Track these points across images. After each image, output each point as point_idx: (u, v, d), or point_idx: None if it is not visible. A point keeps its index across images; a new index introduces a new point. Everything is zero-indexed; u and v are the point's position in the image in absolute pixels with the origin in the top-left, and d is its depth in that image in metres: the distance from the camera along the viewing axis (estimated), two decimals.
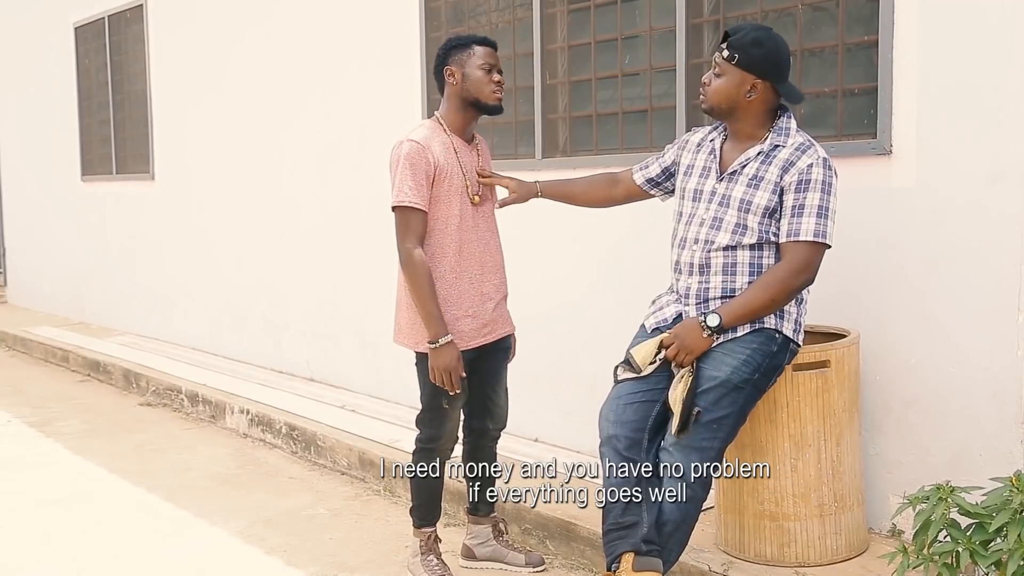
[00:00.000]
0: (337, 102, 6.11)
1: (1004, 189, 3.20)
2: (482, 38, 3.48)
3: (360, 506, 4.61)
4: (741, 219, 3.08)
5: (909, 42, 3.39)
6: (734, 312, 3.02)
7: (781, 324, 3.09)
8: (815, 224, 2.99)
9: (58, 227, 10.08)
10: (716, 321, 3.00)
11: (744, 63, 3.06)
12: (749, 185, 3.08)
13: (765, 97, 3.10)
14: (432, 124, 3.50)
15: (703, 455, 3.01)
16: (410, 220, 3.36)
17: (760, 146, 3.11)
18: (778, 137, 3.11)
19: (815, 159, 3.04)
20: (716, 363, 3.03)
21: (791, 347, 3.14)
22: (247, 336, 7.22)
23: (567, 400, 4.73)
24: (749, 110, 3.12)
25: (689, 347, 3.03)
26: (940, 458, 3.41)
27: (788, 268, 3.01)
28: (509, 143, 4.98)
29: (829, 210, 3.03)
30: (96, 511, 4.60)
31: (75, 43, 9.37)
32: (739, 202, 3.09)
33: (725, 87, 3.11)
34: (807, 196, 3.01)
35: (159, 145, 8.19)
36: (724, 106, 3.13)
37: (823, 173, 3.02)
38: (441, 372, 3.35)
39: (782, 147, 3.09)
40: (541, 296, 4.64)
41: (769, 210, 3.06)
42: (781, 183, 3.04)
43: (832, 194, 3.04)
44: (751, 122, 3.14)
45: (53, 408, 6.74)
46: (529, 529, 4.03)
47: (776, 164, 3.07)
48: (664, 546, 3.01)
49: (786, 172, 3.04)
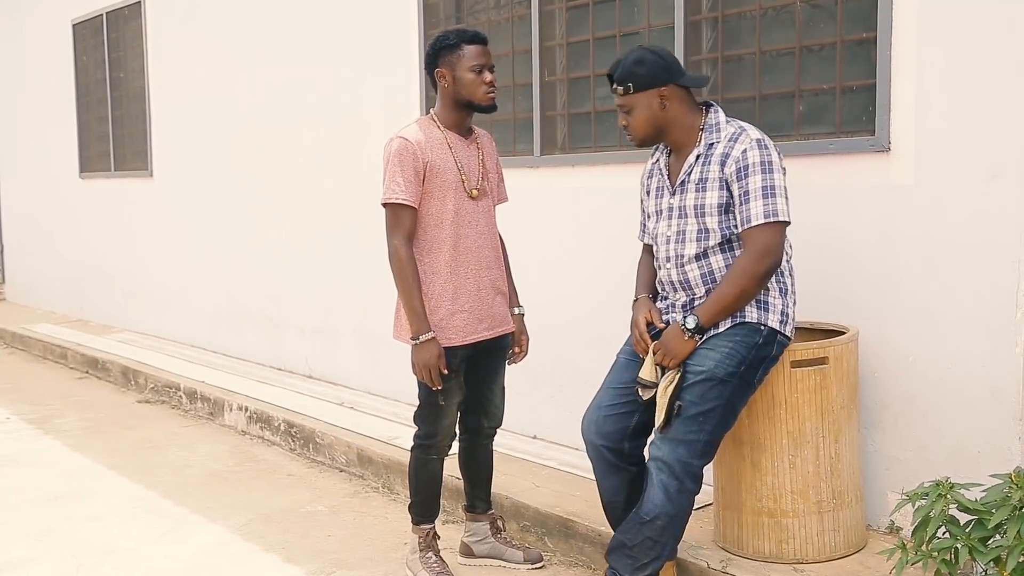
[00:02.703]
0: (335, 98, 6.10)
1: (1002, 186, 3.20)
2: (471, 35, 3.44)
3: (359, 503, 4.61)
4: (701, 224, 3.11)
5: (908, 39, 3.39)
6: (708, 311, 3.05)
7: (765, 317, 3.09)
8: (763, 205, 2.99)
9: (56, 224, 10.07)
10: (693, 323, 3.03)
11: (640, 84, 3.11)
12: (698, 190, 3.12)
13: (678, 99, 3.13)
14: (425, 121, 3.50)
15: (690, 448, 3.04)
16: (399, 216, 3.37)
17: (697, 149, 3.14)
18: (710, 135, 3.12)
19: (748, 144, 3.04)
20: (700, 358, 3.07)
21: (779, 339, 3.14)
22: (246, 333, 7.22)
23: (565, 397, 4.73)
24: (672, 120, 3.14)
25: (674, 352, 3.07)
26: (938, 455, 3.41)
27: (749, 256, 3.01)
28: (507, 140, 4.98)
29: (776, 187, 3.01)
30: (94, 508, 4.60)
31: (73, 40, 9.36)
32: (694, 209, 3.12)
33: (641, 116, 3.15)
34: (749, 181, 3.01)
35: (157, 142, 8.18)
36: (651, 131, 3.17)
37: (759, 154, 3.02)
38: (422, 368, 3.36)
39: (716, 143, 3.10)
40: (539, 292, 4.64)
41: (723, 207, 3.07)
42: (724, 176, 3.06)
43: (774, 171, 3.02)
44: (680, 130, 3.16)
45: (52, 405, 6.74)
46: (528, 526, 4.03)
47: (715, 161, 3.08)
48: (658, 540, 3.05)
49: (724, 165, 3.06)
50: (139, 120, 8.41)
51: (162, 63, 8.01)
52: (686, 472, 3.04)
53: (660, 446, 3.06)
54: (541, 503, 4.02)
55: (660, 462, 3.05)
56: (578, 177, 4.61)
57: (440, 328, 3.41)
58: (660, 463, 3.05)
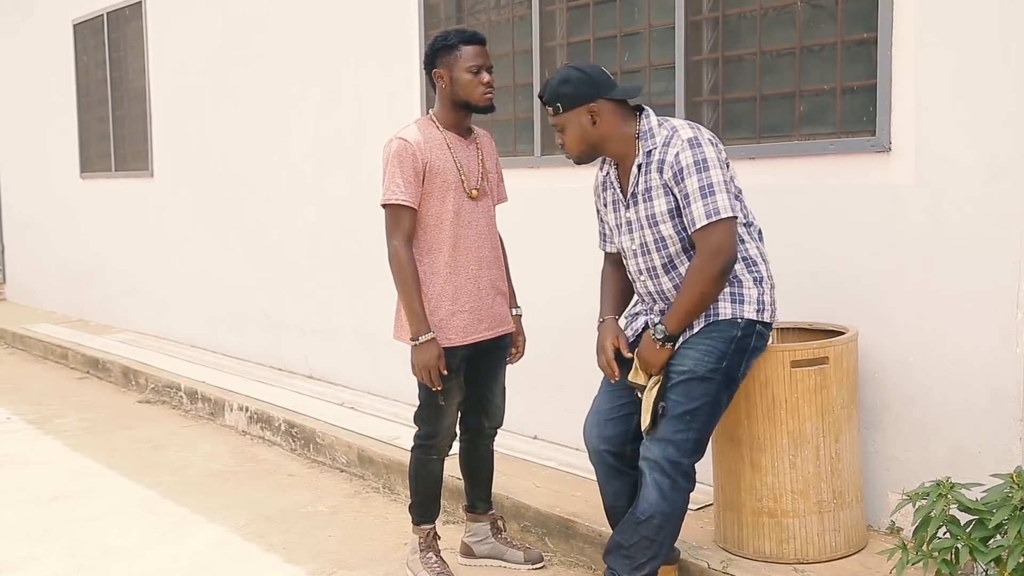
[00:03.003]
0: (336, 99, 6.11)
1: (1003, 186, 3.20)
2: (469, 35, 3.43)
3: (359, 503, 4.61)
4: (656, 234, 3.10)
5: (908, 39, 3.39)
6: (674, 318, 3.04)
7: (740, 310, 3.07)
8: (703, 206, 2.95)
9: (57, 224, 10.07)
10: (661, 332, 3.04)
11: (568, 103, 3.09)
12: (645, 200, 3.10)
13: (610, 113, 3.10)
14: (424, 122, 3.50)
15: (679, 447, 3.04)
16: (399, 217, 3.37)
17: (638, 159, 3.10)
18: (646, 142, 3.09)
19: (679, 146, 3.00)
20: (681, 358, 3.08)
21: (758, 329, 3.11)
22: (246, 333, 7.22)
23: (566, 397, 4.73)
24: (606, 135, 3.12)
25: (650, 362, 3.09)
26: (939, 455, 3.41)
27: (700, 258, 2.98)
28: (508, 140, 4.98)
29: (713, 185, 2.96)
30: (95, 508, 4.60)
31: (74, 40, 9.36)
32: (647, 220, 3.10)
33: (573, 134, 3.13)
34: (686, 184, 2.98)
35: (158, 142, 8.18)
36: (585, 148, 3.16)
37: (690, 154, 2.98)
38: (422, 369, 3.36)
39: (653, 149, 3.07)
40: (540, 292, 4.64)
41: (672, 212, 3.05)
42: (664, 182, 3.04)
43: (709, 169, 2.97)
44: (616, 143, 3.13)
45: (52, 405, 6.75)
46: (528, 526, 4.03)
47: (654, 168, 3.06)
48: (655, 539, 3.06)
49: (662, 172, 3.03)
50: (140, 120, 8.41)
51: (163, 63, 8.01)
52: (677, 470, 3.05)
53: (650, 447, 3.08)
54: (541, 503, 4.02)
55: (651, 462, 3.06)
56: (579, 177, 4.61)
57: (440, 328, 3.41)
58: (651, 463, 3.06)
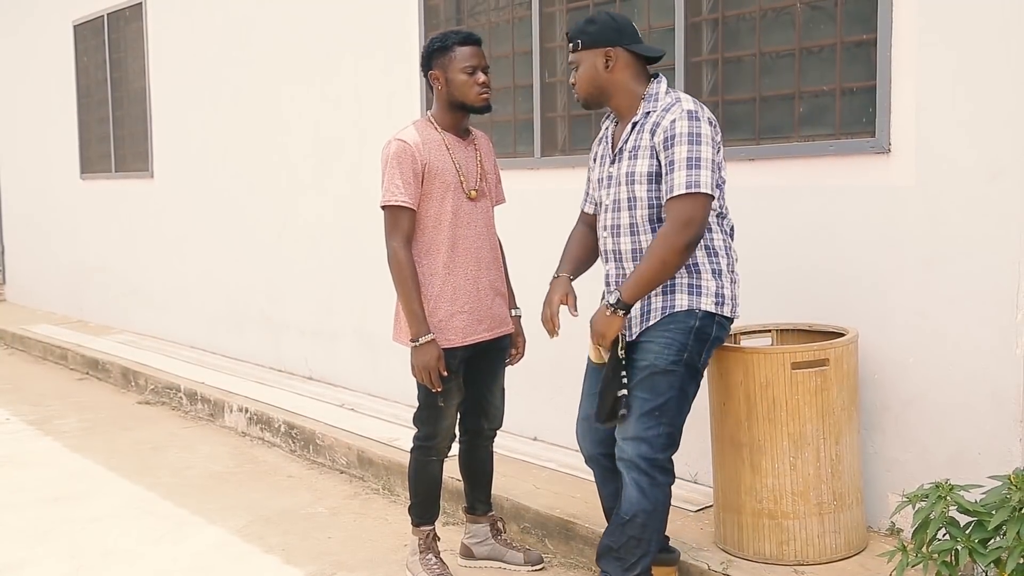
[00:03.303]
0: (336, 99, 6.10)
1: (1002, 187, 3.20)
2: (463, 36, 3.44)
3: (359, 505, 4.61)
4: (630, 192, 3.07)
5: (908, 40, 3.39)
6: (630, 286, 2.96)
7: (697, 301, 3.03)
8: (686, 176, 2.91)
9: (57, 225, 10.07)
10: (615, 298, 2.96)
11: (588, 42, 3.10)
12: (631, 158, 3.07)
13: (625, 63, 3.10)
14: (423, 123, 3.50)
15: (652, 443, 3.04)
16: (398, 219, 3.37)
17: (635, 118, 3.10)
18: (648, 104, 3.08)
19: (678, 114, 2.98)
20: (642, 352, 3.06)
21: (718, 319, 3.07)
22: (246, 334, 7.22)
23: (566, 399, 4.72)
24: (616, 84, 3.12)
25: (601, 331, 3.02)
26: (939, 456, 3.41)
27: (669, 226, 2.93)
28: (508, 141, 4.98)
29: (702, 159, 2.93)
30: (94, 509, 4.60)
31: (74, 41, 9.37)
32: (627, 177, 3.08)
33: (585, 74, 3.13)
34: (675, 151, 2.94)
35: (158, 143, 8.18)
36: (593, 91, 3.15)
37: (687, 125, 2.95)
38: (421, 370, 3.36)
39: (652, 112, 3.06)
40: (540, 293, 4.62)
41: (652, 176, 3.02)
42: (654, 145, 3.01)
43: (702, 143, 2.95)
44: (623, 96, 3.13)
45: (51, 406, 6.74)
46: (528, 528, 4.03)
47: (647, 129, 3.04)
48: (642, 537, 3.06)
49: (655, 134, 3.01)
50: (140, 121, 8.42)
51: (163, 64, 8.01)
52: (653, 467, 3.04)
53: (624, 447, 3.07)
54: (541, 505, 4.02)
55: (627, 462, 3.06)
56: (579, 179, 4.60)
57: (439, 329, 3.41)
58: (627, 463, 3.06)
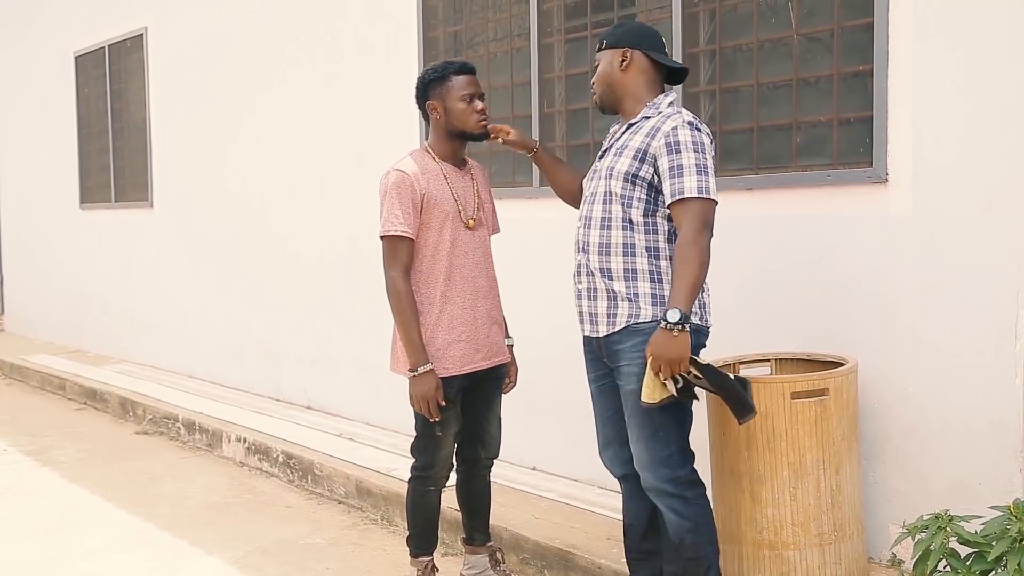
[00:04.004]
0: (336, 130, 6.13)
1: (1000, 216, 3.21)
2: (459, 66, 3.48)
3: (357, 535, 4.58)
4: (608, 187, 3.08)
5: (904, 71, 3.41)
6: (679, 296, 2.85)
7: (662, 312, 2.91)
8: (697, 181, 2.92)
9: (56, 255, 10.08)
10: (676, 315, 2.81)
11: (611, 42, 3.16)
12: (615, 154, 3.10)
13: (640, 68, 3.14)
14: (420, 153, 3.52)
15: (669, 464, 3.04)
16: (397, 248, 3.38)
17: (631, 120, 3.14)
18: (649, 110, 3.12)
19: (679, 122, 2.99)
20: (626, 378, 3.05)
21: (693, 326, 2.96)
22: (244, 364, 7.21)
23: (565, 428, 4.71)
24: (627, 85, 3.15)
25: (671, 356, 2.84)
26: (939, 486, 3.40)
27: (690, 229, 2.90)
28: (507, 171, 5.00)
29: (708, 168, 2.96)
30: (92, 540, 4.57)
31: (75, 72, 9.42)
32: (606, 170, 3.10)
33: (603, 71, 3.18)
34: (682, 156, 2.94)
35: (158, 173, 8.21)
36: (605, 88, 3.19)
37: (690, 134, 2.97)
38: (419, 400, 3.36)
39: (651, 117, 3.09)
40: (539, 322, 4.64)
41: (631, 175, 3.03)
42: (647, 148, 3.01)
43: (704, 152, 2.96)
44: (631, 99, 3.16)
45: (49, 436, 6.72)
46: (527, 559, 4.00)
47: (641, 132, 3.06)
48: (698, 555, 3.05)
49: (652, 138, 3.01)
50: (140, 151, 8.45)
51: (163, 95, 8.05)
52: (679, 485, 3.04)
53: (646, 478, 3.07)
54: (540, 535, 4.00)
55: (654, 491, 3.07)
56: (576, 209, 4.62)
57: (437, 358, 3.41)
58: (654, 491, 3.07)
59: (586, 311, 3.17)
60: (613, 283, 3.07)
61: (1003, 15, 3.18)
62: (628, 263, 3.05)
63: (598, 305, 3.11)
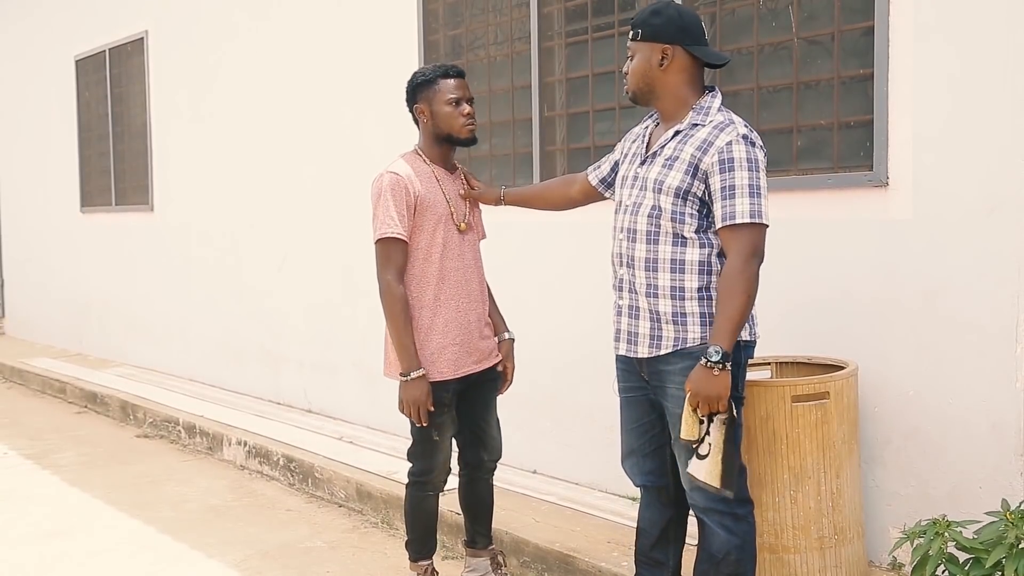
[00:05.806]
0: (336, 134, 6.14)
1: (1001, 220, 3.21)
2: (446, 69, 3.46)
3: (358, 538, 4.58)
4: (656, 200, 2.92)
5: (904, 75, 3.42)
6: (723, 332, 2.77)
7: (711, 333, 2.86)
8: (750, 204, 2.78)
9: (57, 258, 10.09)
10: (717, 354, 2.74)
11: (649, 34, 2.93)
12: (664, 166, 2.92)
13: (681, 66, 2.94)
14: (411, 156, 3.52)
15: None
16: (391, 252, 3.38)
17: (679, 126, 2.94)
18: (698, 116, 2.92)
19: (734, 136, 2.83)
20: (673, 401, 2.93)
21: (741, 344, 2.90)
22: (245, 367, 7.21)
23: (565, 431, 4.71)
24: (667, 84, 2.95)
25: (712, 395, 2.77)
26: (940, 490, 3.40)
27: (740, 258, 2.78)
28: (507, 175, 5.00)
29: (761, 188, 2.81)
30: (92, 543, 4.57)
31: (76, 76, 9.43)
32: (654, 183, 2.92)
33: (638, 66, 2.97)
34: (735, 176, 2.80)
35: (158, 177, 8.22)
36: (643, 85, 2.99)
37: (746, 150, 2.81)
38: (409, 405, 3.35)
39: (701, 126, 2.90)
40: (538, 326, 4.64)
41: (682, 191, 2.87)
42: (698, 163, 2.85)
43: (759, 171, 2.82)
44: (672, 99, 2.97)
45: (50, 440, 6.72)
46: (528, 562, 4.00)
47: (692, 144, 2.88)
48: (738, 571, 2.96)
49: (705, 153, 2.84)
50: (140, 155, 8.46)
51: (163, 98, 8.06)
52: (731, 503, 2.93)
53: (695, 497, 2.96)
54: (541, 539, 4.00)
55: (703, 510, 2.96)
56: (576, 212, 4.62)
57: (430, 362, 3.40)
58: (704, 511, 2.96)
59: (624, 329, 3.05)
60: (658, 303, 2.93)
61: (1003, 18, 3.18)
62: (676, 280, 2.91)
63: (640, 325, 2.99)
